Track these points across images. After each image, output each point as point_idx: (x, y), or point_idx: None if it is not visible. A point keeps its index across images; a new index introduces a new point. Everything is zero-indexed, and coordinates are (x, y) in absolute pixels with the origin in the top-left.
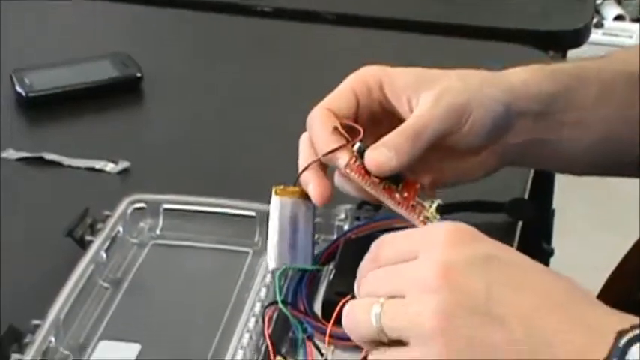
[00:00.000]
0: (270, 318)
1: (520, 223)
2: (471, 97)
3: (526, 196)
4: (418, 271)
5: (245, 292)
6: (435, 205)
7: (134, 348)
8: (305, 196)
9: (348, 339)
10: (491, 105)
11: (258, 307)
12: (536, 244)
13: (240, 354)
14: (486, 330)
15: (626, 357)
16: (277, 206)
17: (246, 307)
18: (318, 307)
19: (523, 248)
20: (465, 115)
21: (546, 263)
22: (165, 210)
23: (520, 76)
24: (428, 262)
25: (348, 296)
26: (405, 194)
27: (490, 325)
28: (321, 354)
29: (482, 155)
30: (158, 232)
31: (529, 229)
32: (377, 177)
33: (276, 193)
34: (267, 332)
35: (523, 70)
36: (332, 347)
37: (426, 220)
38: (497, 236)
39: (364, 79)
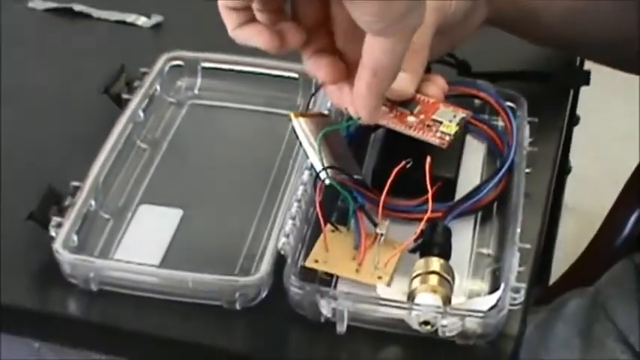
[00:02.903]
0: (321, 186)
1: (572, 91)
2: None
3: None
4: None
5: (289, 157)
6: (457, 119)
7: (176, 213)
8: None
9: (402, 211)
10: None
11: (306, 175)
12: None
13: (289, 224)
14: None
15: None
16: (298, 126)
17: (293, 174)
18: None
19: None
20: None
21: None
22: (204, 69)
23: None
24: None
25: (402, 163)
26: (422, 116)
27: None
28: (375, 224)
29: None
30: (196, 91)
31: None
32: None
33: (295, 116)
34: (317, 200)
35: None
36: (386, 220)
37: (443, 136)
38: (551, 101)
39: None
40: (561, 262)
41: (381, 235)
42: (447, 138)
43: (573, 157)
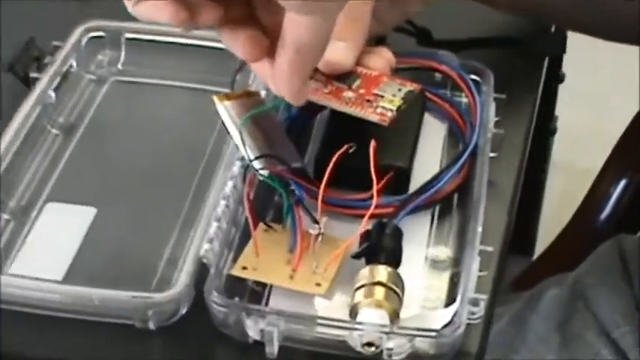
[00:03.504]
0: (252, 179)
1: (547, 59)
2: None
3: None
4: None
5: (222, 143)
6: (403, 93)
7: (88, 212)
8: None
9: (346, 206)
10: None
11: (236, 167)
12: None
13: (213, 227)
14: None
15: None
16: (224, 111)
17: (222, 167)
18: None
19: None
20: None
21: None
22: (129, 40)
23: None
24: None
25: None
26: (362, 90)
27: None
28: (316, 221)
29: None
30: (119, 66)
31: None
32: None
33: (219, 100)
34: (246, 195)
35: None
36: (325, 217)
37: (384, 111)
38: (521, 74)
39: None
40: (549, 222)
41: (320, 234)
42: (389, 114)
43: (561, 113)
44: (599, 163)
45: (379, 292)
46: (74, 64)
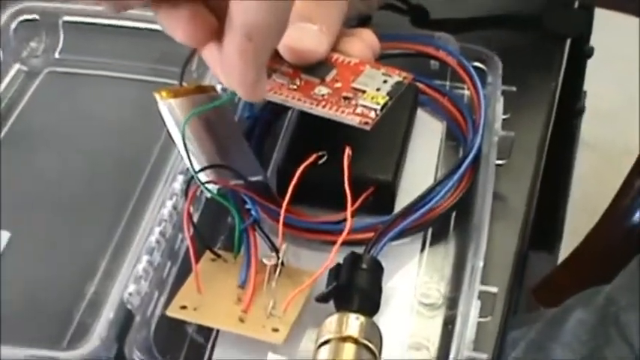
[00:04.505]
0: (193, 194)
1: (568, 41)
2: None
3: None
4: None
5: (169, 152)
6: (390, 85)
7: (2, 236)
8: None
9: (314, 230)
10: None
11: (179, 183)
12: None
13: (143, 261)
14: None
15: None
16: (166, 112)
17: (161, 183)
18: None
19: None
20: None
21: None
22: (67, 23)
23: None
24: None
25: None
26: (338, 84)
27: None
28: (275, 249)
29: None
30: (57, 55)
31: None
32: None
33: (161, 97)
34: (185, 213)
35: None
36: (285, 244)
37: (366, 111)
38: (537, 61)
39: None
40: (578, 213)
41: (278, 264)
42: (372, 115)
43: (589, 87)
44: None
45: (349, 352)
46: (0, 52)
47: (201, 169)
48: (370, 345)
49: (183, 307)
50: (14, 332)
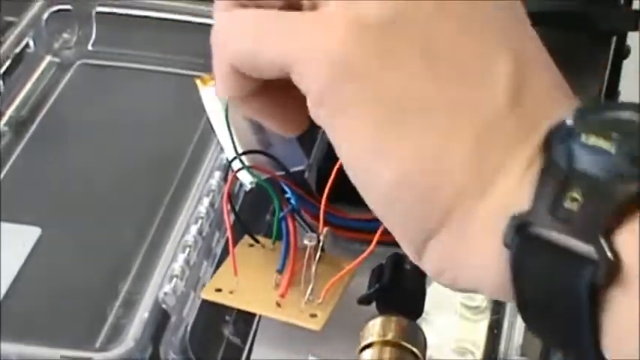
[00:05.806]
0: (232, 179)
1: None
2: None
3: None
4: None
5: (206, 146)
6: None
7: (32, 234)
8: None
9: (352, 229)
10: None
11: (216, 179)
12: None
13: (179, 260)
14: None
15: None
16: (207, 97)
17: (198, 179)
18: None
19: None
20: None
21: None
22: (100, 14)
23: None
24: None
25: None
26: None
27: None
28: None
29: None
30: (89, 47)
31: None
32: None
33: (203, 83)
34: (225, 199)
35: None
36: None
37: None
38: (580, 62)
39: None
40: None
41: (320, 250)
42: None
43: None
44: None
45: (392, 356)
46: (31, 43)
47: (243, 153)
48: (414, 349)
49: (219, 290)
50: (46, 332)
